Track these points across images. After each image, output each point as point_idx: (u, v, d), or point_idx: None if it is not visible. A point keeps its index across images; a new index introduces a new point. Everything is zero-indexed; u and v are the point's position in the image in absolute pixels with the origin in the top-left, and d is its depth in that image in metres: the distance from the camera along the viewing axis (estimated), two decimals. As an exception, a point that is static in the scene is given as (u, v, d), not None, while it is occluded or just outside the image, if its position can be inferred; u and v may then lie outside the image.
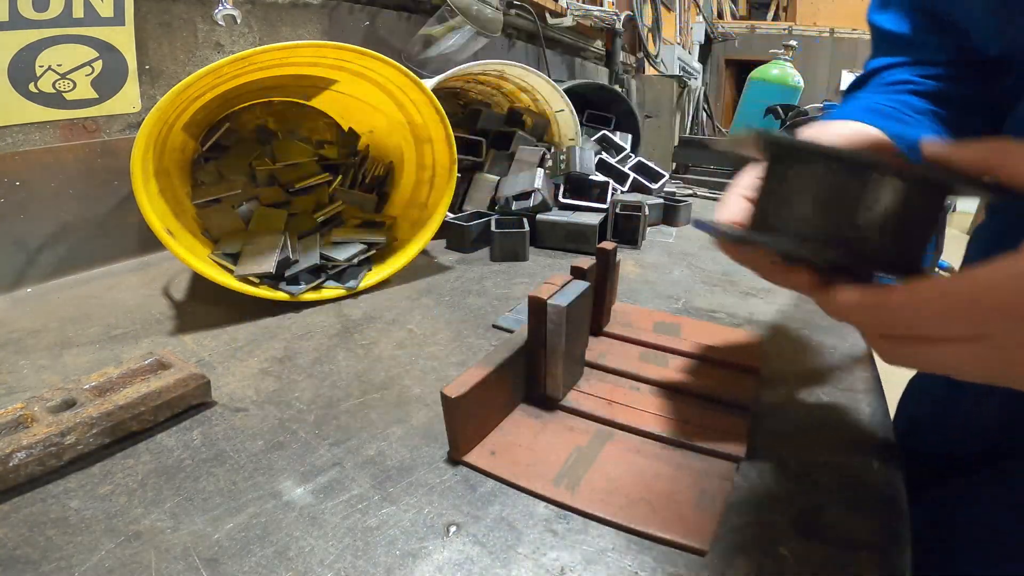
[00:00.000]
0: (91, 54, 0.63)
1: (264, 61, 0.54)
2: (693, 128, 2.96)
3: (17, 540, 0.28)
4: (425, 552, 0.27)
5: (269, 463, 0.34)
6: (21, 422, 0.33)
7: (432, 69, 1.05)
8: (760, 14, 6.14)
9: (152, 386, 0.37)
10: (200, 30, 0.74)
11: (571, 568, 0.27)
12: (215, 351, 0.48)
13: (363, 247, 0.64)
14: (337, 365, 0.46)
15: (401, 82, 0.60)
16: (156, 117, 0.46)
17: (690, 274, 0.68)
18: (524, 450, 0.35)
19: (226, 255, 0.57)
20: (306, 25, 0.90)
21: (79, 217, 0.66)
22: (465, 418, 0.33)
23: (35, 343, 0.49)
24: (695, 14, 4.07)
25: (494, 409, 0.36)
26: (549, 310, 0.35)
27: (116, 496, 0.31)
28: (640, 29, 2.28)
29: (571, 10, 1.65)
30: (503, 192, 0.82)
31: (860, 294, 0.24)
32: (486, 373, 0.34)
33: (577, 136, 0.99)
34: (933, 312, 0.22)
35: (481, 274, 0.67)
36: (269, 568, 0.26)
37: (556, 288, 0.37)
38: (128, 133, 0.69)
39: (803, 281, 0.28)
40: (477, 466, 0.33)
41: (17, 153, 0.60)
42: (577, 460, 0.34)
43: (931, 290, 0.22)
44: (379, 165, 0.78)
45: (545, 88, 0.93)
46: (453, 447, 0.34)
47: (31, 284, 0.62)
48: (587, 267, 0.41)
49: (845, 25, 5.66)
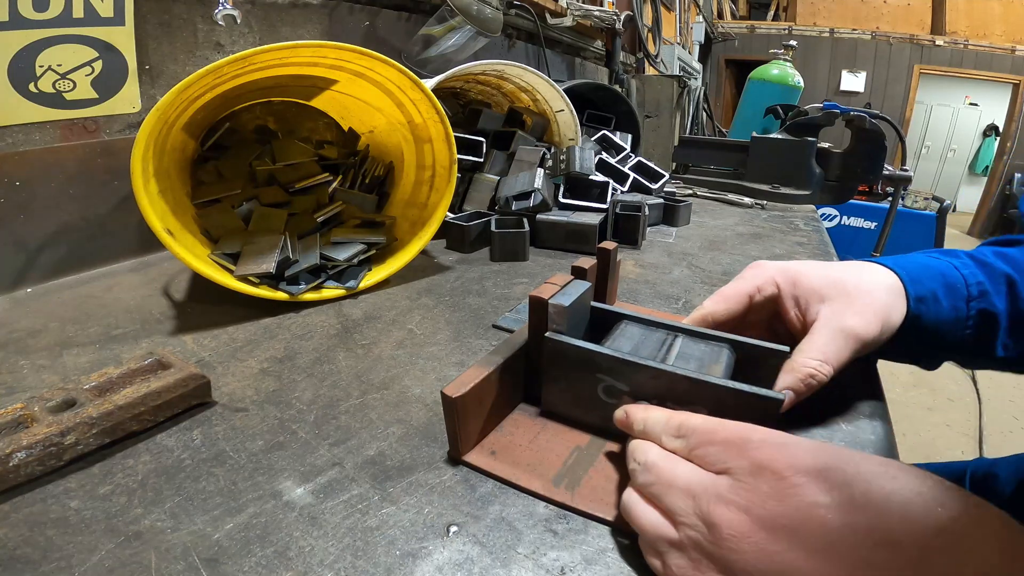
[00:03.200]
0: (91, 54, 0.63)
1: (264, 61, 0.54)
2: (693, 128, 2.96)
3: (17, 540, 0.28)
4: (425, 552, 0.27)
5: (269, 463, 0.34)
6: (21, 422, 0.33)
7: (432, 69, 1.06)
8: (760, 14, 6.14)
9: (152, 386, 0.37)
10: (200, 30, 0.74)
11: (571, 568, 0.27)
12: (215, 351, 0.48)
13: (363, 247, 0.64)
14: (337, 365, 0.46)
15: (401, 82, 0.60)
16: (156, 117, 0.46)
17: (690, 274, 0.68)
18: (524, 450, 0.35)
19: (226, 255, 0.57)
20: (306, 25, 0.90)
21: (79, 217, 0.66)
22: (465, 418, 0.33)
23: (35, 343, 0.49)
24: (695, 14, 4.07)
25: (494, 409, 0.36)
26: (551, 310, 0.35)
27: (116, 496, 0.31)
28: (640, 29, 2.28)
29: (571, 10, 1.65)
30: (503, 192, 0.82)
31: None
32: (486, 373, 0.34)
33: (577, 136, 0.99)
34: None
35: (481, 274, 0.67)
36: (269, 568, 0.26)
37: (557, 288, 0.37)
38: (128, 133, 0.69)
39: None
40: (477, 466, 0.33)
41: (17, 153, 0.60)
42: (577, 460, 0.34)
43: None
44: (379, 165, 0.78)
45: (545, 88, 0.93)
46: (453, 447, 0.34)
47: (31, 284, 0.62)
48: (588, 267, 0.41)
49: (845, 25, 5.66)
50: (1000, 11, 5.21)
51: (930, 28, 5.45)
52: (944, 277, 0.38)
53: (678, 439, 0.28)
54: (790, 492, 0.22)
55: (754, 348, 0.36)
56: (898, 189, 1.24)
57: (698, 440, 0.26)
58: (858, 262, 0.40)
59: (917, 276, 0.38)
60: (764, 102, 2.76)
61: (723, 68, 5.85)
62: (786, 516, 0.22)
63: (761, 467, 0.23)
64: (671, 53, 2.89)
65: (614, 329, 0.39)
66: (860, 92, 5.60)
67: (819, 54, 5.65)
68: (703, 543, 0.23)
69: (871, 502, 0.21)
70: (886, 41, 5.51)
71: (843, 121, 1.05)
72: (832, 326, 0.35)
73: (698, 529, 0.24)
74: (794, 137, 1.12)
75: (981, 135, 6.24)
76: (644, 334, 0.38)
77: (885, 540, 0.20)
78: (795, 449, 0.24)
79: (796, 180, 1.11)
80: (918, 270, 0.38)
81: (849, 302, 0.36)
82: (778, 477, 0.23)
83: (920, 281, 0.38)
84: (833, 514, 0.21)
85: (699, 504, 0.24)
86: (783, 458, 0.23)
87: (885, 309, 0.36)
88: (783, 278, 0.39)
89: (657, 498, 0.26)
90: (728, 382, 0.30)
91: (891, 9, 5.53)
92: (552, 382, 0.37)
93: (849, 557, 0.20)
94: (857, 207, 2.84)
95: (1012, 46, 5.17)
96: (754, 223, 0.95)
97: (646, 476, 0.27)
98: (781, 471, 0.23)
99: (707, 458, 0.26)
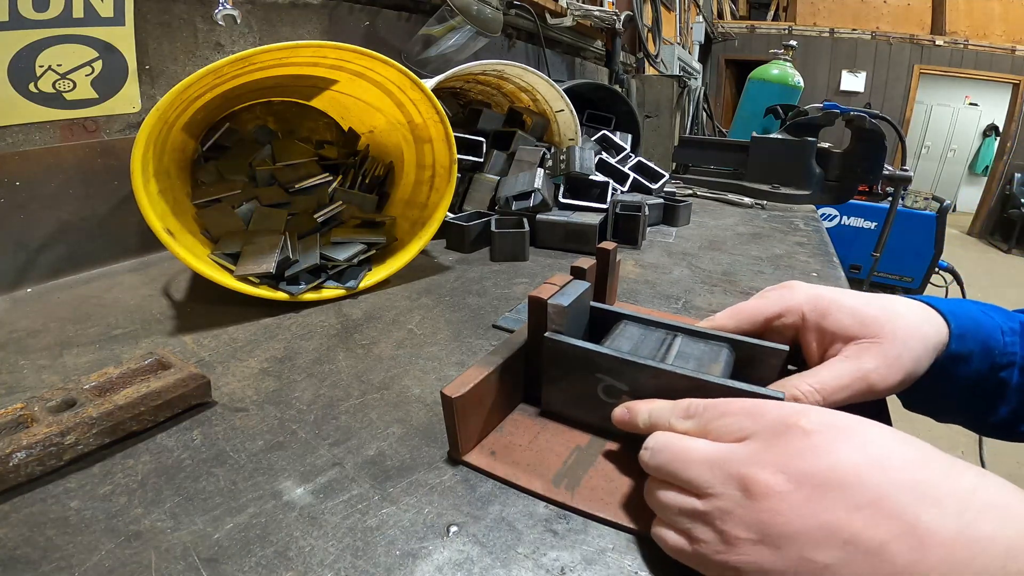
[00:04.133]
0: (91, 54, 0.63)
1: (264, 61, 0.54)
2: (693, 128, 2.95)
3: (17, 540, 0.28)
4: (425, 552, 0.27)
5: (269, 463, 0.34)
6: (21, 422, 0.33)
7: (432, 69, 1.06)
8: (760, 14, 6.14)
9: (152, 386, 0.37)
10: (200, 30, 0.74)
11: (571, 568, 0.27)
12: (215, 351, 0.48)
13: (363, 247, 0.64)
14: (337, 365, 0.46)
15: (401, 82, 0.60)
16: (156, 117, 0.46)
17: (690, 274, 0.68)
18: (524, 450, 0.35)
19: (226, 255, 0.57)
20: (306, 25, 0.90)
21: (79, 217, 0.66)
22: (465, 418, 0.33)
23: (35, 343, 0.49)
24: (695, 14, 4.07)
25: (494, 409, 0.36)
26: (550, 310, 0.35)
27: (116, 496, 0.31)
28: (640, 29, 2.28)
29: (571, 10, 1.65)
30: (503, 192, 0.82)
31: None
32: (486, 373, 0.34)
33: (577, 136, 0.99)
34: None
35: (481, 274, 0.67)
36: (269, 568, 0.26)
37: (556, 288, 0.37)
38: (128, 133, 0.69)
39: None
40: (477, 466, 0.33)
41: (17, 153, 0.60)
42: (577, 460, 0.34)
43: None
44: (379, 165, 0.78)
45: (545, 88, 0.93)
46: (453, 447, 0.34)
47: (31, 284, 0.62)
48: (587, 267, 0.41)
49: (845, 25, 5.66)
50: (1000, 11, 5.21)
51: (930, 28, 5.45)
52: (986, 338, 0.35)
53: (689, 420, 0.27)
54: (822, 447, 0.21)
55: (753, 348, 0.36)
56: (898, 189, 1.24)
57: (711, 415, 0.26)
58: (904, 300, 0.36)
59: (963, 330, 0.35)
60: (764, 102, 2.76)
61: (723, 68, 5.85)
62: (826, 471, 0.21)
63: (786, 426, 0.22)
64: (671, 53, 2.89)
65: (613, 329, 0.39)
66: (860, 92, 5.60)
67: (819, 54, 5.65)
68: (736, 510, 0.22)
69: (906, 461, 0.20)
70: (886, 41, 5.51)
71: (843, 121, 1.05)
72: (847, 365, 0.33)
73: (729, 496, 0.22)
74: (794, 137, 1.12)
75: (981, 135, 6.24)
76: (644, 334, 0.38)
77: (931, 499, 0.19)
78: (817, 411, 0.23)
79: (796, 180, 1.11)
80: (967, 324, 0.35)
81: (877, 345, 0.33)
82: (806, 432, 0.22)
83: (964, 337, 0.35)
84: (874, 470, 0.20)
85: (727, 470, 0.23)
86: (807, 416, 0.23)
87: (914, 362, 0.33)
88: (811, 309, 0.36)
89: (675, 476, 0.25)
90: (728, 381, 0.30)
91: (891, 9, 5.53)
92: (552, 382, 0.37)
93: (894, 515, 0.19)
94: (857, 207, 2.84)
95: (1012, 46, 5.17)
96: (754, 223, 0.96)
97: (660, 456, 0.26)
98: (808, 426, 0.22)
99: (724, 428, 0.25)
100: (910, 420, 0.41)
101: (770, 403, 0.25)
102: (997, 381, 0.36)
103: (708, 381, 0.30)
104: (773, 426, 0.23)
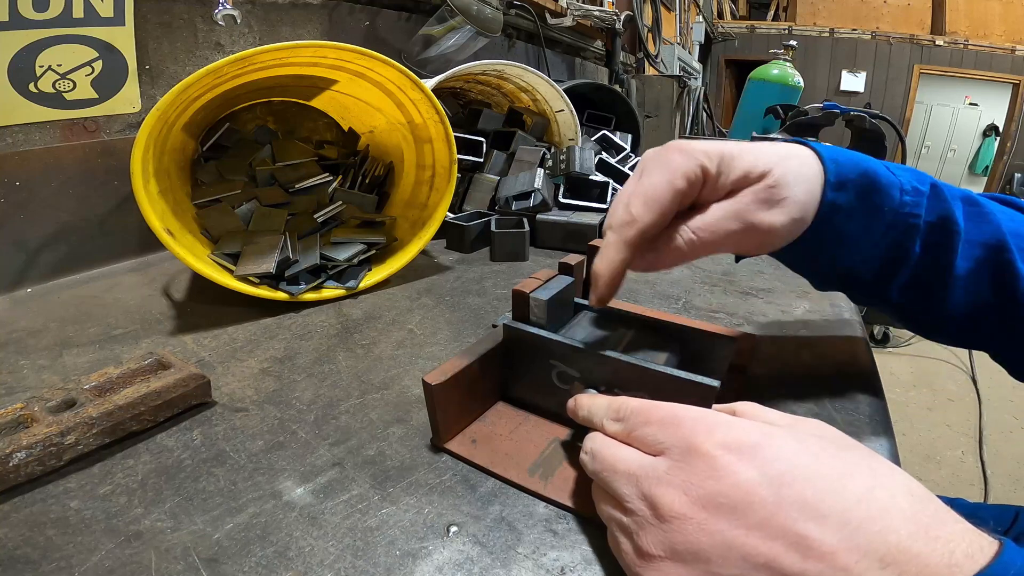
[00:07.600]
0: (91, 54, 0.63)
1: (264, 61, 0.54)
2: (693, 128, 2.95)
3: (17, 540, 0.28)
4: (425, 552, 0.27)
5: (269, 463, 0.34)
6: (21, 422, 0.33)
7: (432, 69, 1.06)
8: (760, 14, 6.14)
9: (152, 386, 0.37)
10: (200, 30, 0.75)
11: (571, 568, 0.27)
12: (215, 351, 0.48)
13: (363, 247, 0.64)
14: (337, 365, 0.46)
15: (401, 82, 0.60)
16: (156, 117, 0.46)
17: (690, 274, 0.68)
18: (504, 440, 0.35)
19: (226, 255, 0.57)
20: (306, 25, 0.90)
21: (79, 217, 0.66)
22: (445, 405, 0.33)
23: (35, 343, 0.49)
24: (695, 14, 4.07)
25: (476, 399, 0.37)
26: (531, 303, 0.36)
27: (116, 496, 0.31)
28: (640, 29, 2.28)
29: (571, 10, 1.65)
30: (503, 192, 0.82)
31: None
32: (467, 363, 0.34)
33: (577, 136, 0.99)
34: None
35: (481, 274, 0.67)
36: (269, 568, 0.26)
37: (540, 283, 0.38)
38: (128, 133, 0.69)
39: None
40: (458, 453, 0.34)
41: (17, 153, 0.60)
42: (554, 451, 0.34)
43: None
44: (379, 165, 0.78)
45: (545, 88, 0.93)
46: (435, 434, 0.35)
47: (31, 284, 0.62)
48: (574, 264, 0.41)
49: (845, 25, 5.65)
50: (1000, 11, 5.21)
51: (930, 28, 5.45)
52: (873, 192, 0.33)
53: (617, 422, 0.28)
54: (722, 470, 0.22)
55: (703, 337, 0.38)
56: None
57: (635, 422, 0.27)
58: (799, 145, 0.34)
59: (843, 179, 0.33)
60: (764, 102, 2.75)
61: (723, 68, 5.85)
62: (723, 494, 0.22)
63: (692, 447, 0.24)
64: (671, 53, 2.89)
65: (573, 318, 0.40)
66: (860, 92, 5.60)
67: (819, 54, 5.65)
68: (647, 527, 0.23)
69: (796, 478, 0.21)
70: (886, 41, 5.51)
71: (843, 121, 1.05)
72: (727, 205, 0.32)
73: (643, 513, 0.24)
74: (794, 137, 1.12)
75: (981, 135, 6.23)
76: (601, 323, 0.40)
77: (815, 514, 0.21)
78: (726, 428, 0.24)
79: (796, 180, 1.11)
80: (851, 174, 0.33)
81: (759, 183, 0.31)
82: (709, 456, 0.23)
83: (844, 186, 0.33)
84: (766, 490, 0.21)
85: (642, 487, 0.24)
86: (713, 437, 0.23)
87: (800, 206, 0.32)
88: (710, 163, 0.32)
89: (606, 485, 0.26)
90: (666, 368, 0.31)
91: (891, 9, 5.53)
92: (513, 368, 0.38)
93: (783, 531, 0.21)
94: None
95: (1012, 46, 5.17)
96: (754, 223, 0.95)
97: (594, 464, 0.27)
98: (710, 450, 0.23)
99: (645, 439, 0.26)
100: (911, 422, 0.41)
101: (688, 414, 0.25)
102: (891, 246, 0.34)
103: (648, 368, 0.31)
104: (681, 445, 0.24)
